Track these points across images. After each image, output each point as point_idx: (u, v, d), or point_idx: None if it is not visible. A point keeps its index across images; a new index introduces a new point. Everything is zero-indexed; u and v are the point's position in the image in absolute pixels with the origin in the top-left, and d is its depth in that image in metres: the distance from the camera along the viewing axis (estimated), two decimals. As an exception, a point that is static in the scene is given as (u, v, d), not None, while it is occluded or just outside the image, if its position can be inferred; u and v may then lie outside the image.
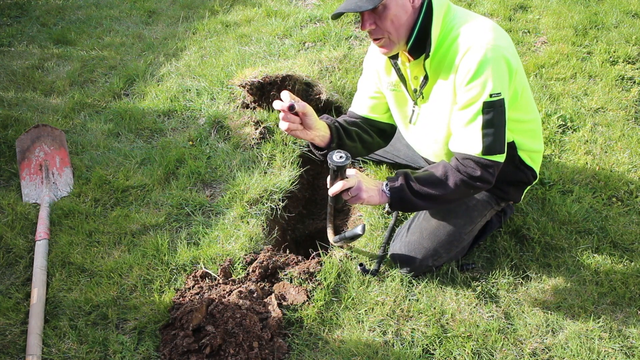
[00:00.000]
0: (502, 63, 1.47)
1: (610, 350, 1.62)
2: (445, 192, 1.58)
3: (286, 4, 4.13)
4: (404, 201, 1.59)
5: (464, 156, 1.56)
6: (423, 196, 1.58)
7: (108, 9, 4.32)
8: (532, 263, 1.93)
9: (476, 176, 1.55)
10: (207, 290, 1.83)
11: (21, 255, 2.02)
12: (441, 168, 1.60)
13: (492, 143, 1.52)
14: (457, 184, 1.56)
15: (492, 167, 1.55)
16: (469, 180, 1.56)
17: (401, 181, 1.59)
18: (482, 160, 1.54)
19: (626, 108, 2.73)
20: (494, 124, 1.50)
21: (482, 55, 1.45)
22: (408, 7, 1.51)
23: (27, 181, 2.38)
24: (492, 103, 1.48)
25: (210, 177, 2.41)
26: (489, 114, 1.49)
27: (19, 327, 1.74)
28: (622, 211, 2.14)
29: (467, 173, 1.56)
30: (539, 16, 3.68)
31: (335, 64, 2.77)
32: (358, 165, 2.51)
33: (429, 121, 1.74)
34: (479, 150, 1.53)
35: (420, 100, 1.73)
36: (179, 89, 3.07)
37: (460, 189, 1.57)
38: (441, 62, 1.57)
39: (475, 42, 1.47)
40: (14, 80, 3.25)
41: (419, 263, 1.81)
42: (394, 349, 1.63)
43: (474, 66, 1.46)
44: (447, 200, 1.62)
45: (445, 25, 1.55)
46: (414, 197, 1.58)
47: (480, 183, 1.56)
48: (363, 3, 1.45)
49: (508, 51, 1.50)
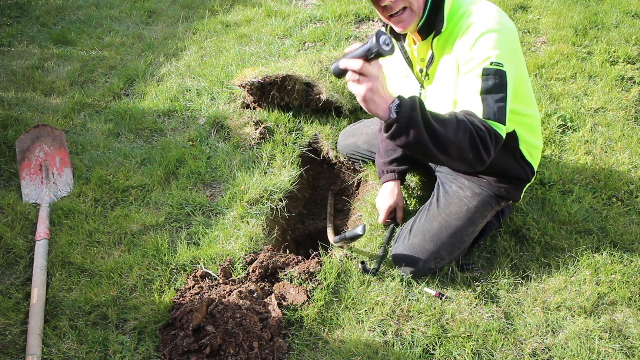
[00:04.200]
0: (504, 38, 1.48)
1: (610, 350, 1.62)
2: (453, 136, 1.36)
3: (286, 4, 4.13)
4: (410, 125, 1.30)
5: (470, 112, 1.44)
6: (431, 128, 1.33)
7: (108, 9, 4.32)
8: (532, 263, 1.93)
9: (482, 135, 1.38)
10: (207, 290, 1.83)
11: (21, 255, 2.02)
12: (452, 114, 1.42)
13: (492, 109, 1.42)
14: (465, 132, 1.37)
15: (492, 134, 1.40)
16: (475, 135, 1.38)
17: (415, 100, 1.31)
18: (485, 123, 1.41)
19: (626, 108, 2.73)
20: (494, 91, 1.43)
21: (486, 28, 1.46)
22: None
23: (27, 181, 2.38)
24: (492, 70, 1.44)
25: (210, 177, 2.41)
26: (488, 80, 1.44)
27: (19, 327, 1.74)
28: (622, 211, 2.14)
29: (474, 126, 1.39)
30: (539, 16, 3.68)
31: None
32: (358, 166, 2.51)
33: (434, 102, 1.75)
34: (479, 114, 1.43)
35: (426, 82, 1.75)
36: (179, 89, 3.07)
37: (466, 141, 1.38)
38: (447, 39, 1.59)
39: (481, 19, 1.49)
40: (14, 80, 3.25)
41: (421, 265, 1.81)
42: (394, 349, 1.63)
43: (476, 35, 1.47)
44: (449, 148, 1.38)
45: (455, 4, 1.57)
46: (423, 125, 1.32)
47: (482, 145, 1.39)
48: None
49: (512, 34, 1.51)
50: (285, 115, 2.70)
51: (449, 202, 1.87)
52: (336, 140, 2.55)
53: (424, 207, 1.94)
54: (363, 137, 2.31)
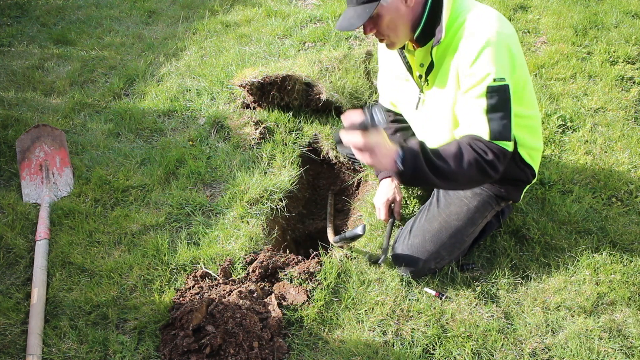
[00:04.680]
0: (504, 49, 1.48)
1: (610, 350, 1.62)
2: (459, 169, 1.46)
3: (286, 4, 4.13)
4: (416, 172, 1.44)
5: (475, 137, 1.50)
6: (436, 169, 1.46)
7: (108, 9, 4.32)
8: (532, 263, 1.93)
9: (488, 159, 1.46)
10: (207, 290, 1.83)
11: (21, 255, 2.02)
12: (455, 144, 1.50)
13: (498, 128, 1.48)
14: (470, 163, 1.46)
15: (499, 154, 1.48)
16: (482, 162, 1.46)
17: (416, 148, 1.45)
18: (491, 145, 1.48)
19: (626, 108, 2.73)
20: (499, 109, 1.48)
21: (485, 40, 1.46)
22: (402, 8, 1.55)
23: (27, 181, 2.38)
24: (496, 87, 1.47)
25: (210, 177, 2.41)
26: (492, 98, 1.47)
27: (19, 327, 1.74)
28: (622, 211, 2.14)
29: (479, 153, 1.47)
30: (539, 16, 3.68)
31: (335, 64, 2.77)
32: (358, 166, 2.51)
33: (433, 108, 1.75)
34: (485, 135, 1.49)
35: (426, 87, 1.75)
36: (179, 89, 3.08)
37: (473, 169, 1.46)
38: (447, 48, 1.59)
39: (480, 28, 1.49)
40: (14, 80, 3.25)
41: (421, 265, 1.81)
42: (394, 349, 1.64)
43: (476, 50, 1.47)
44: (458, 180, 1.51)
45: (453, 12, 1.56)
46: (428, 168, 1.45)
47: (490, 169, 1.47)
48: (355, 20, 1.53)
49: (511, 39, 1.51)
50: (285, 115, 2.70)
51: (449, 203, 1.87)
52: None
53: (424, 207, 1.94)
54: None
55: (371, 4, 1.51)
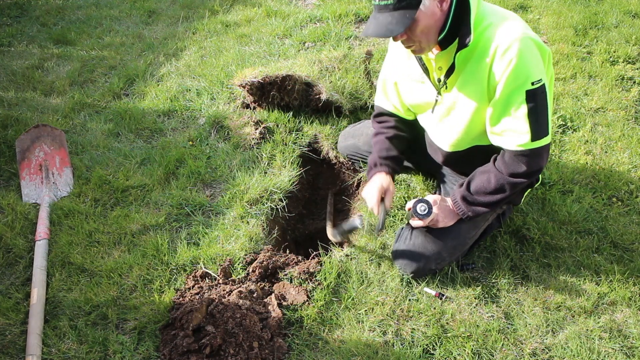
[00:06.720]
0: (536, 50, 1.49)
1: (610, 350, 1.62)
2: (505, 196, 1.67)
3: (286, 4, 4.13)
4: (476, 215, 1.75)
5: (511, 153, 1.61)
6: (487, 204, 1.71)
7: (108, 9, 4.32)
8: (532, 263, 1.93)
9: (522, 172, 1.61)
10: (207, 290, 1.83)
11: (21, 255, 2.02)
12: (493, 178, 1.67)
13: (538, 128, 1.53)
14: (511, 185, 1.65)
15: (541, 153, 1.58)
16: (519, 178, 1.62)
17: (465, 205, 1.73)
18: (527, 152, 1.57)
19: (626, 108, 2.73)
20: (539, 110, 1.52)
21: (518, 47, 1.46)
22: (437, 13, 1.51)
23: (27, 181, 2.38)
24: (534, 91, 1.49)
25: (210, 177, 2.41)
26: (533, 102, 1.50)
27: (18, 327, 1.74)
28: (622, 211, 2.14)
29: (513, 173, 1.62)
30: (539, 16, 3.68)
31: (335, 64, 2.76)
32: (358, 166, 2.51)
33: (451, 111, 1.73)
34: (526, 140, 1.55)
35: (444, 90, 1.71)
36: (179, 89, 3.07)
37: (517, 186, 1.66)
38: (471, 52, 1.56)
39: (507, 34, 1.48)
40: (14, 80, 3.25)
41: (422, 266, 1.81)
42: (394, 349, 1.63)
43: (510, 58, 1.47)
44: (509, 199, 1.73)
45: (478, 15, 1.54)
46: (482, 207, 1.72)
47: (527, 175, 1.62)
48: (394, 27, 1.46)
49: (533, 35, 1.52)
50: (285, 115, 2.70)
51: (451, 204, 1.88)
52: (336, 141, 2.54)
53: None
54: (363, 138, 2.31)
55: (411, 10, 1.45)
